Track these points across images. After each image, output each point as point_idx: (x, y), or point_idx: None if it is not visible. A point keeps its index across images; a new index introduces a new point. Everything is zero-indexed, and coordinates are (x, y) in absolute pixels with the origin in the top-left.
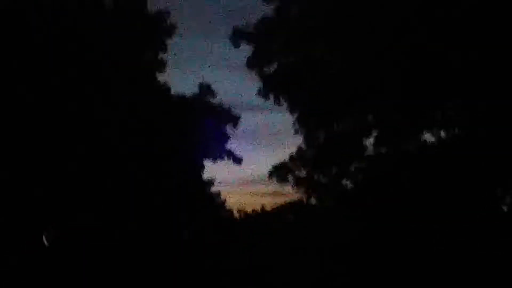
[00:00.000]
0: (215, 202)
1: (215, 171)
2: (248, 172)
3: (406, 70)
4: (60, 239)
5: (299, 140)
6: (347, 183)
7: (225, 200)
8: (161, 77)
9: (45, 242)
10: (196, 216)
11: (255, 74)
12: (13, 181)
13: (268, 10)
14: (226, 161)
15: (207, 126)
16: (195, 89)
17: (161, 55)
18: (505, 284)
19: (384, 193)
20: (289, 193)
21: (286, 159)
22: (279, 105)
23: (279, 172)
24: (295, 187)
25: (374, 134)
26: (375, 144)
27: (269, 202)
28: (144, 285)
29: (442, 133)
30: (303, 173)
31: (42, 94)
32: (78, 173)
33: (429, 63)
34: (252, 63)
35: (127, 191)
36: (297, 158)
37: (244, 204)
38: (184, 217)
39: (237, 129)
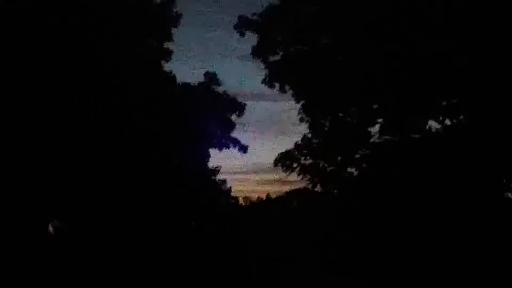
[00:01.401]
0: (221, 190)
1: (221, 159)
2: (254, 160)
3: (410, 61)
4: (64, 230)
5: (304, 128)
6: (352, 170)
7: (230, 188)
8: (167, 66)
9: (51, 231)
10: (202, 204)
11: (261, 63)
12: (17, 175)
13: None
14: (231, 150)
15: (212, 114)
16: (201, 78)
17: (167, 44)
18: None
19: (389, 180)
20: (294, 181)
21: (292, 147)
22: (284, 93)
23: (284, 160)
24: (301, 175)
25: (379, 121)
26: (380, 132)
27: (274, 190)
28: (149, 273)
29: (447, 121)
30: (308, 161)
31: (43, 85)
32: (84, 166)
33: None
34: (258, 52)
35: (132, 179)
36: (303, 146)
37: (250, 192)
38: (190, 205)
39: (242, 118)
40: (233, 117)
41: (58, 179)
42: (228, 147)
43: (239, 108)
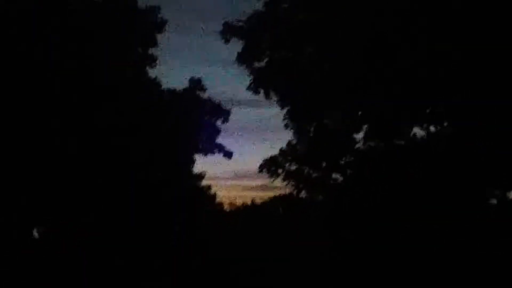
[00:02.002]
0: (206, 195)
1: (206, 165)
2: (239, 166)
3: (394, 70)
4: (50, 235)
5: (289, 134)
6: (337, 176)
7: (215, 193)
8: (152, 72)
9: (36, 235)
10: (187, 209)
11: (246, 69)
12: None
13: (259, 4)
14: (216, 155)
15: (197, 120)
16: (186, 84)
17: (152, 50)
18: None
19: (373, 186)
20: (278, 187)
21: (276, 154)
22: (269, 100)
23: (269, 166)
24: (286, 180)
25: (364, 128)
26: (364, 138)
27: (259, 196)
28: (135, 277)
29: (432, 128)
30: (293, 167)
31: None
32: (69, 170)
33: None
34: (243, 58)
35: (116, 186)
36: (287, 152)
37: (235, 197)
38: (175, 211)
39: (227, 124)
40: (218, 123)
41: (41, 185)
42: (213, 153)
43: (224, 114)
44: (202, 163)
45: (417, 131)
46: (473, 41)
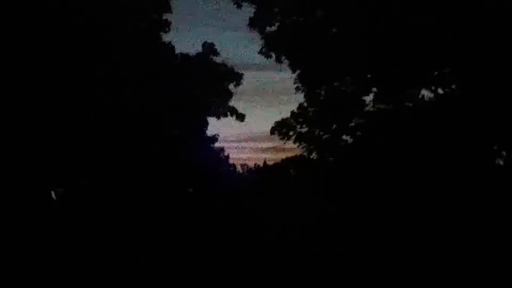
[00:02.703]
0: (219, 157)
1: (219, 128)
2: (251, 128)
3: (403, 32)
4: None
5: (300, 97)
6: (347, 138)
7: (228, 155)
8: (166, 37)
9: (54, 197)
10: (200, 171)
11: (257, 34)
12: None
13: None
14: (229, 118)
15: (210, 83)
16: (199, 50)
17: (166, 16)
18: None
19: (382, 148)
20: (289, 148)
21: (288, 116)
22: (280, 64)
23: (281, 128)
24: (297, 142)
25: (374, 91)
26: (374, 101)
27: (271, 158)
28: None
29: (440, 90)
30: (304, 129)
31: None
32: (88, 130)
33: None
34: (254, 23)
35: (130, 148)
36: (299, 114)
37: (246, 159)
38: (188, 172)
39: (239, 87)
40: (231, 87)
41: (61, 148)
42: (225, 116)
43: (236, 78)
44: (215, 126)
45: (426, 93)
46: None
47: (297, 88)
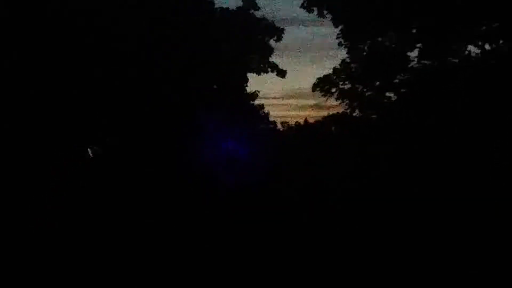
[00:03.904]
0: (259, 114)
1: (259, 84)
2: (291, 85)
3: None
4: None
5: (343, 53)
6: (390, 95)
7: (268, 112)
8: None
9: (90, 154)
10: (239, 127)
11: None
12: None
13: None
14: (270, 74)
15: (250, 38)
16: (239, 3)
17: None
18: None
19: (427, 105)
20: (331, 106)
21: (330, 73)
22: (323, 18)
23: (323, 85)
24: (339, 99)
25: (418, 46)
26: (419, 57)
27: (312, 115)
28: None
29: (487, 46)
30: (347, 85)
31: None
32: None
33: None
34: None
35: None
36: (341, 71)
37: (287, 117)
38: (227, 129)
39: (280, 42)
40: (271, 42)
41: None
42: (266, 72)
43: (277, 33)
44: (256, 82)
45: (472, 48)
46: None
47: (339, 44)
